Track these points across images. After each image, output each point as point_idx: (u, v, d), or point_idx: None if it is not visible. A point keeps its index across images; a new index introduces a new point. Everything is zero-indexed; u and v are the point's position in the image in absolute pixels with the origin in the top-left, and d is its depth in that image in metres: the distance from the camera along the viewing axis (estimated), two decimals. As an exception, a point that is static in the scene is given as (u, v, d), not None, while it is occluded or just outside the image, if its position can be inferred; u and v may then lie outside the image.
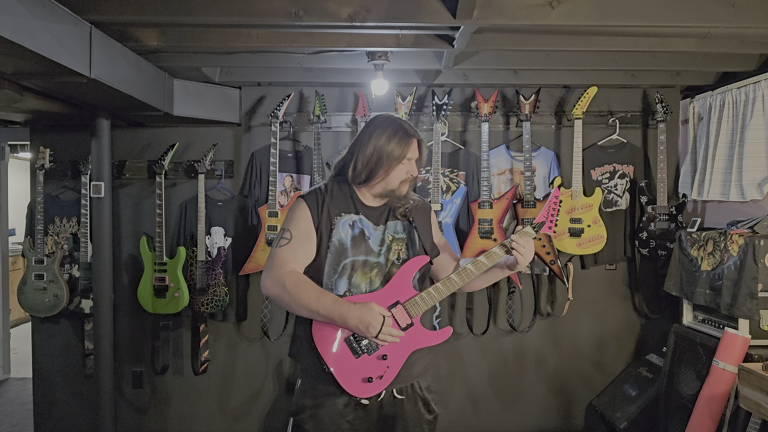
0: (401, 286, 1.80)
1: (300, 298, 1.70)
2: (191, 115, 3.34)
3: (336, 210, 1.82)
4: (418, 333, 1.80)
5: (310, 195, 1.84)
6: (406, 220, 1.89)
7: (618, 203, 3.65)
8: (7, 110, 3.06)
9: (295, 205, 1.84)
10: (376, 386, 1.76)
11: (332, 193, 1.85)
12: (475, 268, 1.81)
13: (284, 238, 1.78)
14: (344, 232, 1.80)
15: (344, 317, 1.69)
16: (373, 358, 1.75)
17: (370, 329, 1.68)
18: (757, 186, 3.01)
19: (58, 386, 3.68)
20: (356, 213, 1.84)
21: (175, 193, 3.66)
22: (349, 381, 1.75)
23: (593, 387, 3.71)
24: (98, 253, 3.20)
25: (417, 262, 1.83)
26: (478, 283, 1.93)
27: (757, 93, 3.01)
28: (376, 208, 1.87)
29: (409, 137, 1.82)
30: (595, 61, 3.15)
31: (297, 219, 1.80)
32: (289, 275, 1.73)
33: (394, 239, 1.86)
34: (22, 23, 1.86)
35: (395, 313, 1.76)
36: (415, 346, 1.80)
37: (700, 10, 2.34)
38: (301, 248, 1.78)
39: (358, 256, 1.80)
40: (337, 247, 1.79)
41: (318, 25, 2.42)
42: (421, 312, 1.79)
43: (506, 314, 3.63)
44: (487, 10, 2.28)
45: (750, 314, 2.62)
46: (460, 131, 3.69)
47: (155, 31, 2.66)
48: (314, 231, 1.79)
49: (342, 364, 1.75)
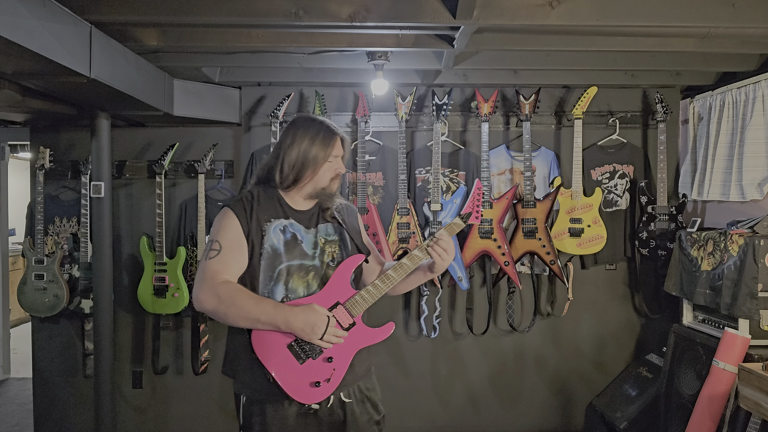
0: (339, 286, 1.78)
1: (238, 308, 1.65)
2: (191, 115, 3.34)
3: (265, 216, 1.79)
4: (362, 331, 1.79)
5: (237, 203, 1.80)
6: (335, 221, 1.88)
7: (618, 203, 3.65)
8: (7, 110, 3.06)
9: (222, 214, 1.79)
10: (324, 390, 1.73)
11: (259, 199, 1.81)
12: (411, 262, 1.82)
13: (213, 250, 1.72)
14: (276, 238, 1.77)
15: (288, 321, 1.65)
16: (319, 361, 1.72)
17: (315, 330, 1.66)
18: (757, 186, 3.01)
19: (58, 386, 3.68)
20: (286, 218, 1.81)
21: (175, 193, 3.66)
22: (295, 388, 1.71)
23: (593, 387, 3.71)
24: (98, 253, 3.20)
25: (353, 261, 1.82)
26: (403, 285, 1.92)
27: (757, 93, 3.00)
28: (306, 212, 1.86)
29: (333, 136, 1.83)
30: (595, 61, 3.15)
31: (225, 228, 1.75)
32: (223, 285, 1.68)
33: (327, 241, 1.85)
34: (22, 23, 1.86)
35: (336, 313, 1.75)
36: (360, 345, 1.79)
37: (700, 10, 2.33)
38: (232, 258, 1.72)
39: (292, 261, 1.77)
40: (270, 253, 1.76)
41: (318, 25, 2.42)
42: (362, 310, 1.78)
43: (506, 314, 3.63)
44: (487, 10, 2.28)
45: (750, 314, 2.62)
46: (460, 131, 3.69)
47: (155, 31, 2.65)
48: (244, 239, 1.75)
49: (286, 372, 1.70)
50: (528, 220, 3.37)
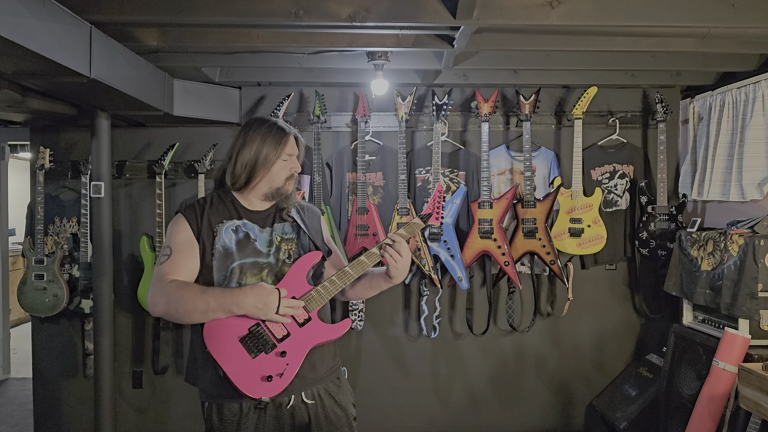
0: (295, 281, 1.76)
1: (186, 301, 1.65)
2: (191, 115, 3.34)
3: (217, 218, 1.79)
4: (317, 327, 1.76)
5: (188, 208, 1.81)
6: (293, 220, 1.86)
7: (618, 203, 3.65)
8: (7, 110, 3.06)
9: (173, 221, 1.80)
10: (276, 385, 1.69)
11: (212, 203, 1.82)
12: (368, 260, 1.79)
13: (164, 255, 1.74)
14: (228, 238, 1.77)
15: (239, 302, 1.64)
16: (272, 355, 1.70)
17: (269, 305, 1.64)
18: (757, 186, 3.01)
19: (58, 386, 3.68)
20: (239, 218, 1.81)
21: (175, 193, 3.66)
22: (246, 381, 1.68)
23: (593, 387, 3.71)
24: (98, 253, 3.20)
25: (310, 257, 1.80)
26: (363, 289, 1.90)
27: (757, 93, 3.01)
28: (262, 212, 1.84)
29: (284, 134, 1.83)
30: (595, 61, 3.15)
31: (175, 233, 1.76)
32: (170, 283, 1.68)
33: (283, 239, 1.83)
34: (22, 23, 1.86)
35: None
36: (315, 341, 1.76)
37: (700, 10, 2.33)
38: (182, 260, 1.73)
39: (245, 259, 1.76)
40: (222, 252, 1.75)
41: (318, 25, 2.42)
42: (318, 306, 1.76)
43: (506, 314, 3.63)
44: (487, 10, 2.28)
45: (750, 314, 2.62)
46: (460, 131, 3.69)
47: (155, 31, 2.65)
48: (195, 241, 1.75)
49: (238, 366, 1.68)
50: (528, 220, 3.37)
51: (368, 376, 3.70)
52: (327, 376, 1.84)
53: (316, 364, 1.79)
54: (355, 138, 3.56)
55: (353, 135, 3.59)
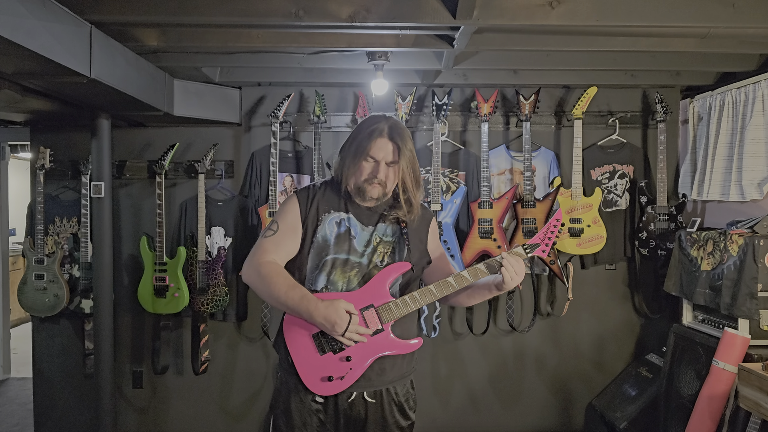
0: (377, 289, 1.77)
1: (271, 288, 1.71)
2: (191, 115, 3.34)
3: (325, 206, 1.83)
4: (387, 340, 1.77)
5: (303, 190, 1.87)
6: (397, 224, 1.85)
7: (618, 203, 3.65)
8: (7, 110, 3.07)
9: (288, 198, 1.86)
10: (335, 386, 1.75)
11: (325, 190, 1.86)
12: (456, 283, 1.79)
13: (271, 230, 1.80)
14: (330, 229, 1.80)
15: (311, 313, 1.68)
16: (337, 357, 1.74)
17: (336, 328, 1.67)
18: (757, 186, 3.01)
19: (58, 386, 3.68)
20: (346, 211, 1.83)
21: (175, 193, 3.66)
22: (309, 376, 1.75)
23: (593, 387, 3.71)
24: (98, 253, 3.20)
25: (397, 268, 1.80)
26: (465, 298, 1.90)
27: (757, 93, 3.01)
28: (370, 209, 1.85)
29: (379, 134, 1.76)
30: (595, 61, 3.15)
31: (286, 212, 1.82)
32: (267, 264, 1.73)
33: (382, 241, 1.83)
34: (22, 23, 1.86)
35: (367, 316, 1.74)
36: (380, 352, 1.77)
37: (700, 10, 2.33)
38: (285, 240, 1.79)
39: (339, 254, 1.79)
40: (320, 242, 1.79)
41: (318, 25, 2.42)
42: (394, 318, 1.76)
43: (506, 314, 3.64)
44: (487, 10, 2.28)
45: (750, 314, 2.62)
46: (460, 131, 3.69)
47: (155, 31, 2.66)
48: (300, 225, 1.80)
49: (305, 359, 1.75)
50: (528, 220, 3.37)
51: (368, 376, 3.70)
52: (396, 380, 1.85)
53: (386, 369, 1.80)
54: (355, 138, 3.55)
55: (353, 135, 3.59)
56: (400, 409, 1.87)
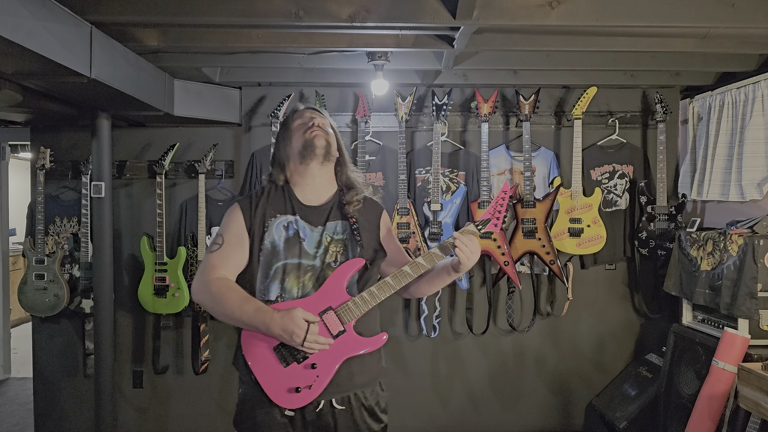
0: (334, 291, 1.70)
1: (224, 305, 1.65)
2: (191, 115, 3.34)
3: (271, 211, 1.78)
4: (351, 340, 1.71)
5: (245, 198, 1.82)
6: (346, 221, 1.80)
7: (617, 203, 3.65)
8: (8, 110, 3.07)
9: (230, 209, 1.81)
10: (304, 397, 1.67)
11: (269, 194, 1.81)
12: (413, 271, 1.73)
13: (216, 243, 1.75)
14: (277, 234, 1.75)
15: (267, 325, 1.61)
16: (302, 367, 1.68)
17: (294, 337, 1.60)
18: (757, 186, 3.01)
19: (58, 386, 3.68)
20: (293, 214, 1.78)
21: (176, 193, 3.67)
22: (275, 391, 1.68)
23: (593, 387, 3.71)
24: (99, 253, 3.20)
25: (350, 265, 1.73)
26: (426, 286, 1.87)
27: (757, 93, 3.01)
28: (317, 208, 1.81)
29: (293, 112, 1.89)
30: (595, 61, 3.15)
31: (230, 223, 1.77)
32: (216, 281, 1.68)
33: (333, 240, 1.77)
34: (22, 23, 1.86)
35: (326, 319, 1.68)
36: (347, 354, 1.70)
37: (700, 10, 2.34)
38: (232, 254, 1.73)
39: (290, 259, 1.73)
40: (269, 249, 1.74)
41: (318, 26, 2.42)
42: (354, 318, 1.70)
43: (506, 314, 3.64)
44: (487, 10, 2.28)
45: (749, 314, 2.62)
46: (460, 131, 3.69)
47: (155, 31, 2.66)
48: (246, 235, 1.75)
49: (269, 373, 1.68)
50: (528, 220, 3.38)
51: (368, 376, 3.70)
52: (366, 384, 1.79)
53: (355, 373, 1.74)
54: (355, 138, 3.56)
55: (353, 135, 3.60)
56: (370, 413, 1.79)
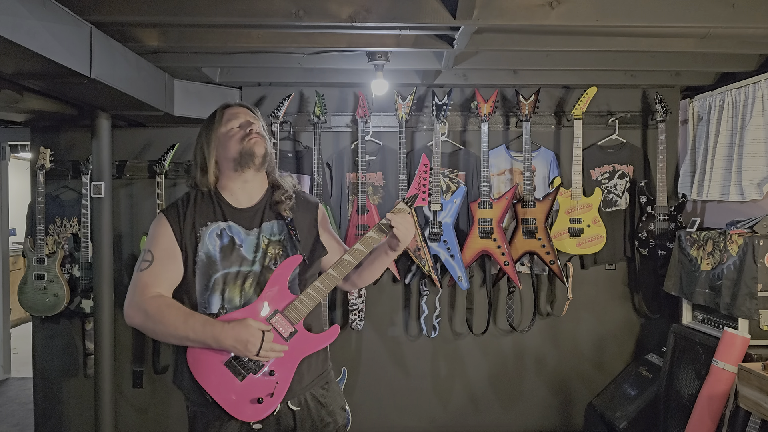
0: (277, 292, 1.64)
1: (165, 324, 1.55)
2: (191, 115, 3.34)
3: (201, 219, 1.67)
4: (304, 339, 1.66)
5: (171, 208, 1.70)
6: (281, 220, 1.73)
7: (617, 203, 3.65)
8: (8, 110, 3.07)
9: (155, 221, 1.69)
10: (267, 406, 1.61)
11: (196, 201, 1.71)
12: (353, 258, 1.69)
13: (145, 261, 1.63)
14: (212, 244, 1.65)
15: (218, 339, 1.53)
16: (260, 376, 1.61)
17: (249, 347, 1.53)
18: (757, 186, 3.01)
19: (58, 386, 3.68)
20: (224, 219, 1.69)
21: (176, 193, 3.66)
22: (237, 406, 1.60)
23: (593, 387, 3.71)
24: (99, 253, 3.20)
25: (289, 264, 1.67)
26: (367, 273, 1.82)
27: (757, 93, 3.01)
28: (248, 209, 1.73)
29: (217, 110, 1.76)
30: (595, 61, 3.15)
31: (157, 237, 1.66)
32: (152, 300, 1.58)
33: (271, 242, 1.70)
34: (22, 23, 1.86)
35: (275, 323, 1.62)
36: (303, 354, 1.67)
37: (700, 10, 2.34)
38: (164, 270, 1.63)
39: (230, 268, 1.65)
40: (205, 261, 1.64)
41: (318, 26, 2.42)
42: (303, 316, 1.65)
43: (506, 314, 3.64)
44: (487, 10, 2.28)
45: (749, 314, 2.62)
46: (460, 131, 3.69)
47: (155, 31, 2.66)
48: (178, 248, 1.65)
49: (226, 390, 1.60)
50: (528, 220, 3.37)
51: (368, 376, 3.70)
52: (315, 382, 1.75)
53: (304, 374, 1.70)
54: (355, 138, 3.56)
55: (353, 135, 3.60)
56: (328, 412, 1.75)
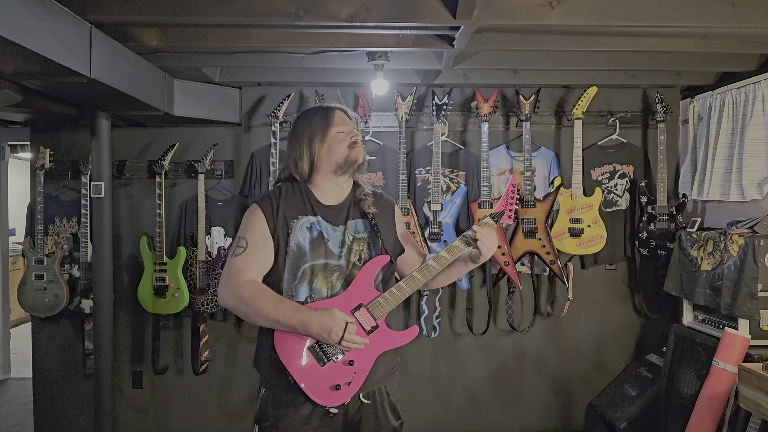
0: (363, 288, 1.75)
1: (258, 308, 1.65)
2: (191, 115, 3.34)
3: (292, 213, 1.77)
4: (384, 335, 1.75)
5: (264, 199, 1.79)
6: (366, 218, 1.83)
7: (618, 203, 3.65)
8: (7, 110, 3.06)
9: (250, 211, 1.79)
10: (344, 393, 1.71)
11: (287, 195, 1.80)
12: (437, 264, 1.78)
13: (240, 247, 1.73)
14: (302, 236, 1.75)
15: (305, 324, 1.63)
16: (339, 364, 1.71)
17: (332, 335, 1.63)
18: (757, 186, 3.01)
19: (58, 386, 3.68)
20: (314, 214, 1.78)
21: (175, 193, 3.66)
22: (316, 390, 1.70)
23: (593, 387, 3.71)
24: (98, 253, 3.20)
25: (377, 262, 1.78)
26: (443, 278, 1.90)
27: (757, 93, 3.01)
28: (335, 207, 1.82)
29: (328, 110, 1.83)
30: (595, 61, 3.15)
31: (252, 226, 1.75)
32: (246, 285, 1.68)
33: (355, 239, 1.80)
34: (22, 23, 1.86)
35: (359, 316, 1.72)
36: (382, 349, 1.76)
37: (700, 10, 2.34)
38: (257, 256, 1.72)
39: (317, 260, 1.75)
40: (295, 252, 1.74)
41: (318, 25, 2.42)
42: (386, 313, 1.75)
43: (506, 314, 3.63)
44: (487, 10, 2.28)
45: (750, 314, 2.62)
46: (460, 131, 3.69)
47: (155, 31, 2.66)
48: (270, 237, 1.74)
49: (308, 374, 1.70)
50: (528, 220, 3.37)
51: (368, 376, 3.70)
52: (386, 377, 1.83)
53: (378, 367, 1.78)
54: (355, 138, 3.55)
55: (353, 135, 3.59)
56: (392, 408, 1.84)
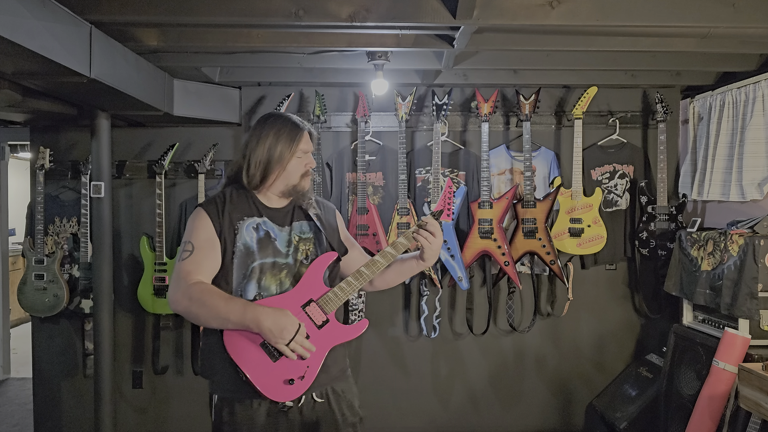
0: (312, 284, 1.78)
1: (208, 308, 1.65)
2: (191, 115, 3.34)
3: (238, 214, 1.78)
4: (335, 329, 1.79)
5: (209, 202, 1.80)
6: (310, 219, 1.87)
7: (618, 203, 3.65)
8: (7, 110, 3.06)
9: (194, 214, 1.79)
10: (298, 388, 1.72)
11: (232, 198, 1.81)
12: (383, 260, 1.81)
13: (186, 251, 1.73)
14: (249, 236, 1.77)
15: (258, 321, 1.62)
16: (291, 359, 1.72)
17: (284, 334, 1.63)
18: (757, 186, 3.01)
19: (58, 386, 3.68)
20: (259, 216, 1.81)
21: (175, 193, 3.66)
22: (269, 386, 1.70)
23: (593, 387, 3.71)
24: (98, 253, 3.20)
25: (325, 258, 1.82)
26: (394, 275, 1.94)
27: (757, 93, 3.01)
28: (281, 210, 1.85)
29: (299, 130, 1.82)
30: (595, 61, 3.15)
31: (197, 229, 1.76)
32: (195, 286, 1.68)
33: (301, 239, 1.84)
34: (22, 23, 1.86)
35: (310, 311, 1.74)
36: (334, 342, 1.79)
37: (700, 10, 2.34)
38: (205, 258, 1.73)
39: (266, 259, 1.77)
40: (243, 251, 1.76)
41: (318, 25, 2.42)
42: (335, 307, 1.78)
43: (506, 314, 3.63)
44: (487, 10, 2.28)
45: (750, 314, 2.62)
46: (460, 131, 3.69)
47: (155, 31, 2.66)
48: (217, 238, 1.75)
49: (260, 370, 1.70)
50: (528, 220, 3.37)
51: (368, 376, 3.70)
52: (339, 376, 1.86)
53: (330, 365, 1.80)
54: (355, 138, 3.56)
55: (353, 135, 3.59)
56: (348, 405, 1.86)
